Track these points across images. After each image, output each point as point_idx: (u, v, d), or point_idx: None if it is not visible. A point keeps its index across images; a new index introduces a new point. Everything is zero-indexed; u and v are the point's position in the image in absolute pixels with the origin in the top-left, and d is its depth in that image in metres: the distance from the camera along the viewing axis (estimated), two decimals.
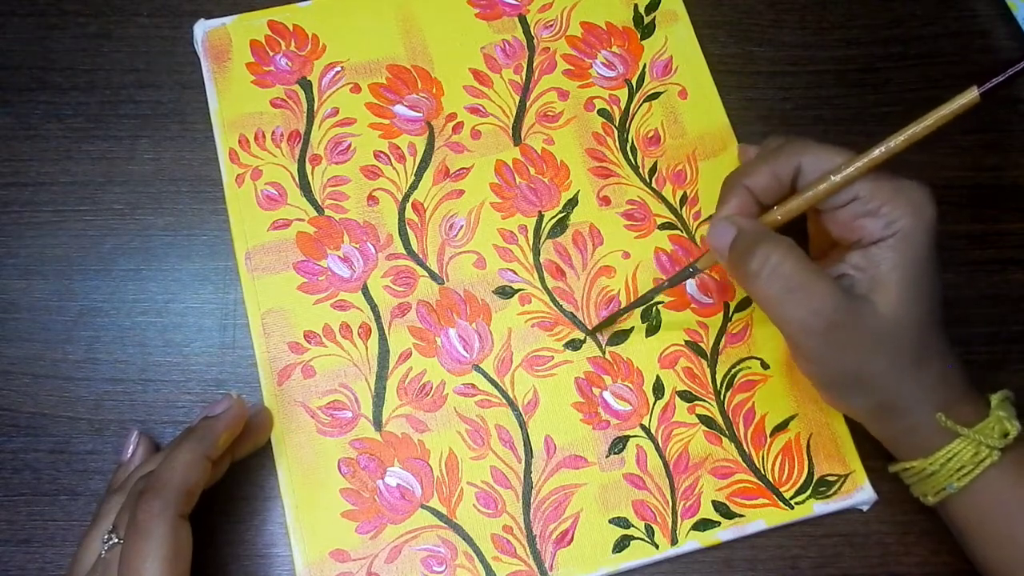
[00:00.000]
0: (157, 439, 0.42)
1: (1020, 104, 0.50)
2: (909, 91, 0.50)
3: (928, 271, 0.36)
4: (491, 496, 0.41)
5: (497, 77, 0.49)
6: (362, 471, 0.41)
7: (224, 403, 0.39)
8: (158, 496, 0.34)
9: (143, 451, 0.40)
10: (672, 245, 0.46)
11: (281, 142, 0.47)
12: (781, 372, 0.44)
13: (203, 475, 0.36)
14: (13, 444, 0.42)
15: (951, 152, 0.49)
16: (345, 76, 0.48)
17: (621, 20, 0.50)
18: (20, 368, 0.43)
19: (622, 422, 0.43)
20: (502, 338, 0.44)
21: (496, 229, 0.46)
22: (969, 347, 0.46)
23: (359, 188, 0.46)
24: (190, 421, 0.42)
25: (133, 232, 0.46)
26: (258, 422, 0.41)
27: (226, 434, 0.38)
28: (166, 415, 0.43)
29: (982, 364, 0.45)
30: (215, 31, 0.49)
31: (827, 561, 0.42)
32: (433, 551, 0.40)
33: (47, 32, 0.49)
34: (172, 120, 0.48)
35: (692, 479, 0.42)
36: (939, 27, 0.52)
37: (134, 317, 0.45)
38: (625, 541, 0.41)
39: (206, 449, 0.36)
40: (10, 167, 0.47)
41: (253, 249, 0.45)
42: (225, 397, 0.39)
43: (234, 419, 0.38)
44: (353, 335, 0.44)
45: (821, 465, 0.43)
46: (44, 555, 0.41)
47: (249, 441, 0.40)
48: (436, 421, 0.42)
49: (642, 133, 0.48)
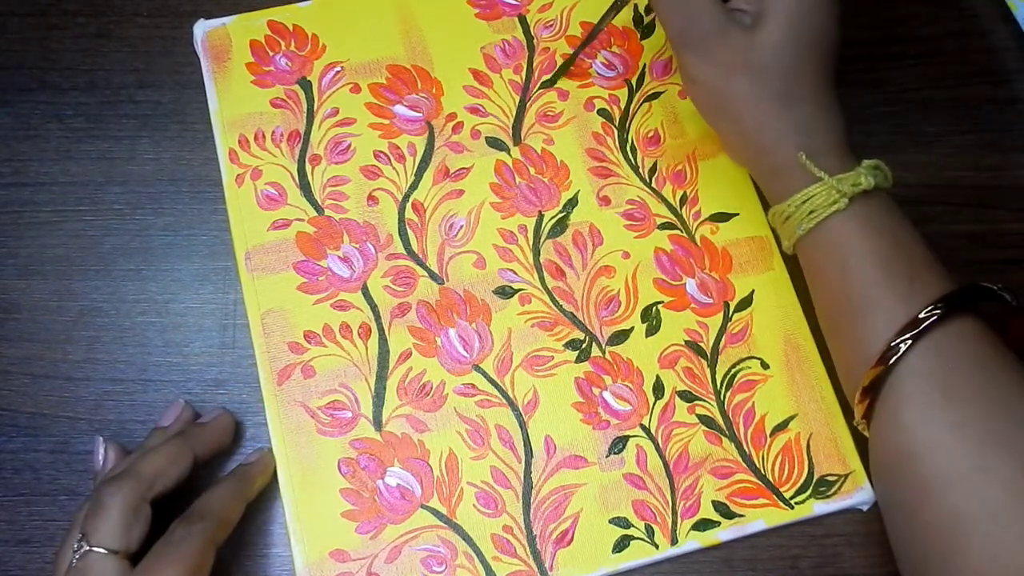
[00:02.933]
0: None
1: (1020, 104, 0.50)
2: (909, 91, 0.50)
3: (816, 18, 0.39)
4: (491, 496, 0.41)
5: (497, 77, 0.49)
6: (362, 471, 0.41)
7: (255, 455, 0.42)
8: (202, 519, 0.36)
9: (114, 455, 0.40)
10: (672, 245, 0.46)
11: (281, 142, 0.47)
12: (781, 372, 0.44)
13: (239, 512, 0.39)
14: (13, 444, 0.42)
15: (951, 152, 0.49)
16: (345, 76, 0.48)
17: (621, 20, 0.50)
18: (20, 368, 0.43)
19: (622, 422, 0.43)
20: (502, 338, 0.44)
21: (496, 229, 0.46)
22: None
23: (359, 188, 0.46)
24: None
25: (133, 232, 0.46)
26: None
27: (261, 479, 0.41)
28: None
29: None
30: (215, 31, 0.49)
31: (827, 561, 0.42)
32: (433, 551, 0.40)
33: (47, 32, 0.49)
34: (172, 120, 0.48)
35: (692, 479, 0.42)
36: (939, 27, 0.52)
37: (134, 317, 0.45)
38: (625, 541, 0.41)
39: (244, 490, 0.40)
40: (10, 167, 0.47)
41: (253, 249, 0.45)
42: (221, 414, 0.42)
43: (267, 467, 0.41)
44: (353, 335, 0.44)
45: (821, 465, 0.43)
46: (44, 555, 0.41)
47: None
48: (436, 421, 0.42)
49: (642, 133, 0.48)
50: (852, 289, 0.38)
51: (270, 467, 0.41)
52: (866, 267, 0.37)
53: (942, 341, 0.35)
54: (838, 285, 0.38)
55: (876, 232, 0.38)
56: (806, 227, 0.38)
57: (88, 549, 0.35)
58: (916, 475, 0.35)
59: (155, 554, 0.35)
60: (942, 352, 0.35)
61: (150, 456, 0.38)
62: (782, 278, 0.46)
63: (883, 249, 0.37)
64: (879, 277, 0.37)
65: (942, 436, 0.35)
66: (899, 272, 0.37)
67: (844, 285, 0.38)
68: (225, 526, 0.38)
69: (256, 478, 0.41)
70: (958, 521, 0.34)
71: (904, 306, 0.36)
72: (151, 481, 0.37)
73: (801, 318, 0.45)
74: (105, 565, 0.34)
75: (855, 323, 0.37)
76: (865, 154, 0.39)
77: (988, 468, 0.34)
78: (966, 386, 0.35)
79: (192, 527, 0.36)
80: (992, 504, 0.33)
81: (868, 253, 0.37)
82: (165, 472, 0.37)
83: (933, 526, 0.35)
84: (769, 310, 0.45)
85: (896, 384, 0.36)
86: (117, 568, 0.34)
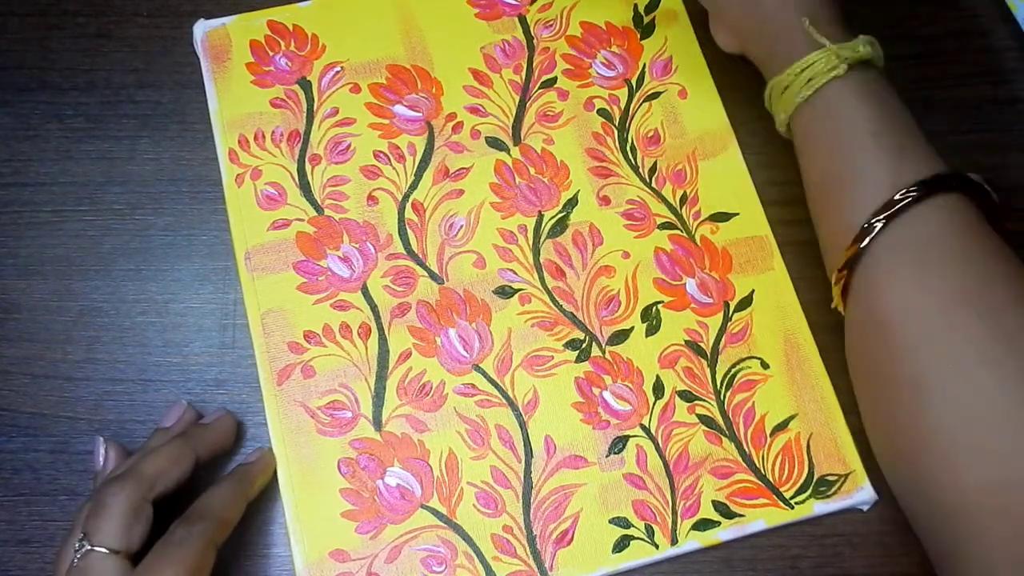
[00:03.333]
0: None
1: (1020, 104, 0.50)
2: (909, 91, 0.50)
3: None
4: (491, 496, 0.41)
5: (497, 77, 0.49)
6: (362, 471, 0.41)
7: (256, 454, 0.41)
8: (202, 519, 0.36)
9: (115, 455, 0.40)
10: (672, 245, 0.46)
11: (281, 142, 0.47)
12: (781, 372, 0.44)
13: (239, 512, 0.39)
14: (13, 444, 0.42)
15: (951, 152, 0.49)
16: (345, 76, 0.48)
17: (621, 20, 0.50)
18: (20, 368, 0.43)
19: (622, 422, 0.43)
20: (502, 338, 0.44)
21: (496, 229, 0.46)
22: None
23: (359, 188, 0.46)
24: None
25: (133, 232, 0.46)
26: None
27: (261, 478, 0.41)
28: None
29: None
30: (215, 31, 0.49)
31: (827, 561, 0.42)
32: (433, 551, 0.40)
33: (47, 32, 0.49)
34: (172, 120, 0.48)
35: (692, 479, 0.42)
36: (939, 27, 0.52)
37: (134, 317, 0.45)
38: (625, 541, 0.41)
39: (245, 490, 0.39)
40: (10, 167, 0.47)
41: (253, 249, 0.45)
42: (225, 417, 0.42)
43: (268, 466, 0.41)
44: (353, 335, 0.44)
45: (821, 465, 0.43)
46: (44, 555, 0.41)
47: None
48: (436, 421, 0.42)
49: (642, 133, 0.48)
50: (843, 157, 0.38)
51: (271, 466, 0.41)
52: (858, 134, 0.38)
53: (920, 217, 0.36)
54: (829, 154, 0.39)
55: (869, 100, 0.39)
56: (804, 95, 0.39)
57: (89, 549, 0.35)
58: (887, 342, 0.36)
59: (155, 554, 0.35)
60: (919, 227, 0.36)
61: (152, 457, 0.38)
62: (782, 278, 0.46)
63: (875, 118, 0.38)
64: (870, 144, 0.38)
65: (914, 300, 0.35)
66: (889, 142, 0.38)
67: (835, 154, 0.39)
68: (225, 526, 0.38)
69: (257, 477, 0.41)
70: (924, 377, 0.34)
71: (891, 176, 0.37)
72: (152, 481, 0.37)
73: (801, 318, 0.45)
74: (106, 565, 0.34)
75: (843, 193, 0.38)
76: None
77: (955, 327, 0.34)
78: (939, 254, 0.36)
79: (192, 527, 0.36)
80: (955, 359, 0.34)
81: (862, 120, 0.38)
82: (167, 473, 0.37)
83: (903, 387, 0.35)
84: (769, 310, 0.45)
85: (871, 259, 0.37)
86: (118, 568, 0.34)
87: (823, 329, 0.45)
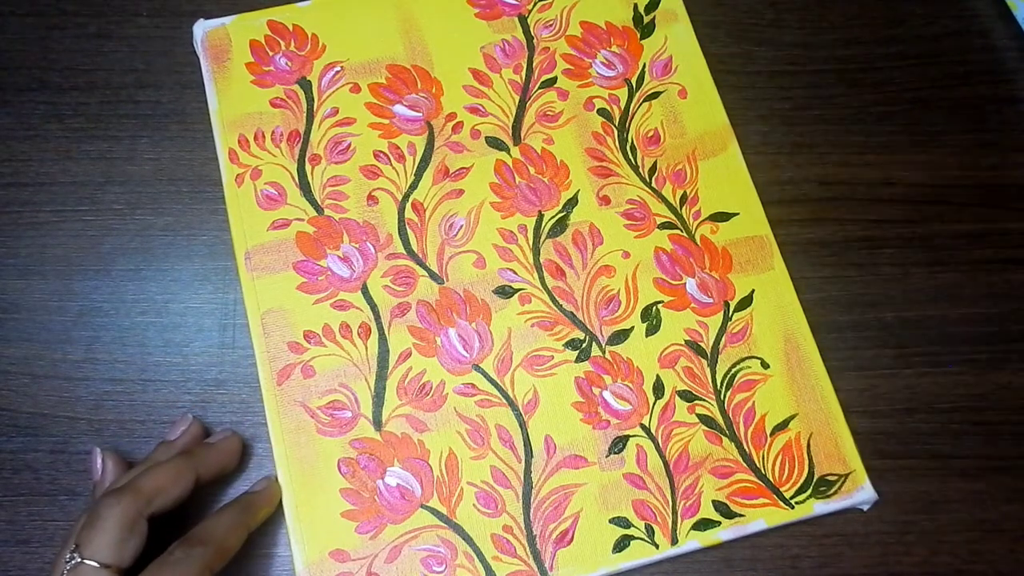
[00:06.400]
0: (158, 439, 0.42)
1: (1020, 104, 0.51)
2: (909, 91, 0.50)
3: None
4: (491, 496, 0.41)
5: (497, 77, 0.49)
6: (362, 471, 0.41)
7: (262, 484, 0.41)
8: (202, 543, 0.36)
9: (112, 465, 0.40)
10: (672, 244, 0.46)
11: (281, 142, 0.47)
12: (781, 372, 0.44)
13: (240, 541, 0.38)
14: (13, 444, 0.42)
15: (951, 152, 0.49)
16: (345, 76, 0.48)
17: (621, 20, 0.50)
18: (20, 368, 0.43)
19: (622, 422, 0.43)
20: (502, 338, 0.44)
21: (496, 229, 0.46)
22: (969, 347, 0.46)
23: (359, 188, 0.46)
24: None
25: (133, 232, 0.46)
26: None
27: (265, 509, 0.40)
28: (166, 415, 0.43)
29: (982, 364, 0.45)
30: (215, 31, 0.49)
31: (827, 561, 0.42)
32: (433, 551, 0.40)
33: (47, 32, 0.49)
34: (172, 120, 0.48)
35: (692, 479, 0.42)
36: (939, 27, 0.52)
37: (134, 317, 0.45)
38: (625, 541, 0.41)
39: (247, 519, 0.39)
40: (10, 167, 0.47)
41: (253, 249, 0.45)
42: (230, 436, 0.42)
43: (272, 497, 0.41)
44: (353, 335, 0.44)
45: (821, 465, 0.43)
46: (44, 555, 0.41)
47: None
48: (436, 421, 0.42)
49: (642, 133, 0.48)
50: None
51: (276, 497, 0.41)
52: None
53: None
54: None
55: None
56: None
57: (80, 561, 0.34)
58: None
59: (150, 573, 0.34)
60: None
61: (152, 472, 0.37)
62: (782, 278, 0.46)
63: None
64: None
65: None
66: None
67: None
68: (224, 554, 0.37)
69: (261, 508, 0.40)
70: None
71: None
72: (150, 497, 0.36)
73: (801, 318, 0.45)
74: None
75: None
76: (865, 154, 0.39)
77: None
78: None
79: (191, 551, 0.35)
80: None
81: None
82: (166, 490, 0.37)
83: None
84: (769, 310, 0.45)
85: None
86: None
87: (823, 329, 0.45)
